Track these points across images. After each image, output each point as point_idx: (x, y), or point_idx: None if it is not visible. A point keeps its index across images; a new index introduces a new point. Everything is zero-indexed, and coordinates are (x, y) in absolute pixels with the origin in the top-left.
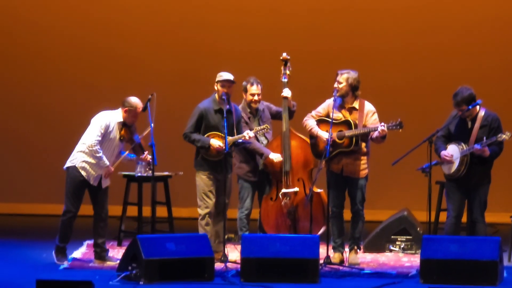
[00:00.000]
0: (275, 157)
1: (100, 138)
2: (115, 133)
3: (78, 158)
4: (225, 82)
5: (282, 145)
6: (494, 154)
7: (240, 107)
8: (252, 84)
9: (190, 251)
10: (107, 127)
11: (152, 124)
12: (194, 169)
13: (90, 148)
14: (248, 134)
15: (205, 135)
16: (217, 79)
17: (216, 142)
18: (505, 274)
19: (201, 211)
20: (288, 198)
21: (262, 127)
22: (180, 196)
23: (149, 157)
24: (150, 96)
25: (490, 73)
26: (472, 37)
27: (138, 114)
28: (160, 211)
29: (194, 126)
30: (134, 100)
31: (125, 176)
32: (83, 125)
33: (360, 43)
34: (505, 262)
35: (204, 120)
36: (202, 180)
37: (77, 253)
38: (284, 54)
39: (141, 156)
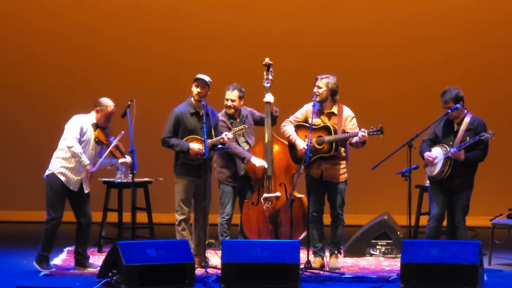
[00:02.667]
0: (257, 162)
1: (78, 137)
2: (90, 135)
3: (56, 165)
4: (199, 81)
5: (265, 150)
6: (473, 158)
7: (221, 112)
8: (228, 89)
9: (170, 257)
10: (81, 129)
11: (132, 130)
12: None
13: (70, 147)
14: (226, 135)
15: (184, 139)
16: (194, 80)
17: (195, 146)
18: (485, 278)
19: (178, 217)
20: (270, 203)
21: (240, 127)
22: (161, 202)
23: (130, 160)
24: (129, 103)
25: (472, 79)
26: (454, 43)
27: (110, 114)
28: (141, 217)
29: (171, 131)
30: (105, 100)
31: (105, 182)
32: (61, 134)
33: (340, 49)
34: (485, 266)
35: (180, 124)
36: (181, 186)
37: (58, 260)
38: (267, 59)
39: (121, 160)
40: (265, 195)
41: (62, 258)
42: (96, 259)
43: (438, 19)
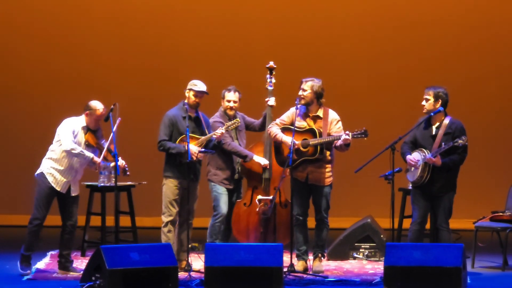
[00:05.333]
0: (261, 160)
1: (73, 139)
2: (80, 138)
3: (45, 165)
4: (199, 93)
5: (264, 152)
6: (451, 163)
7: (217, 114)
8: (229, 91)
9: (154, 261)
10: (73, 132)
11: (115, 134)
12: (159, 178)
13: (69, 150)
14: (220, 130)
15: (177, 141)
16: (190, 87)
17: (192, 146)
18: (468, 280)
19: (165, 219)
20: (265, 205)
21: (232, 122)
22: (144, 205)
23: (124, 164)
24: (112, 106)
25: (455, 82)
26: (438, 47)
27: (100, 117)
28: (124, 220)
29: (167, 134)
30: (94, 103)
31: (88, 186)
32: (48, 136)
33: (323, 52)
34: (469, 268)
35: (174, 127)
36: (169, 188)
37: (41, 264)
38: (271, 63)
39: (113, 164)
40: (260, 197)
41: (45, 262)
42: (80, 263)
43: (423, 23)
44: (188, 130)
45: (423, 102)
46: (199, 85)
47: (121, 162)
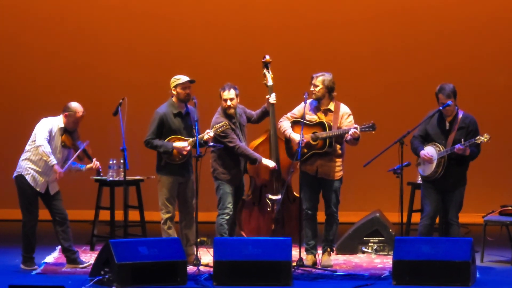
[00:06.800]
0: (270, 163)
1: (47, 137)
2: (57, 139)
3: (23, 166)
4: (186, 84)
5: (270, 150)
6: (473, 154)
7: (217, 115)
8: (224, 90)
9: (162, 255)
10: (50, 132)
11: (124, 128)
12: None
13: (39, 146)
14: (208, 133)
15: (166, 140)
16: (175, 83)
17: (180, 144)
18: (477, 275)
19: (163, 216)
20: (277, 204)
21: (220, 124)
22: (153, 200)
23: (97, 165)
24: (121, 101)
25: (464, 76)
26: (447, 40)
27: (79, 119)
28: (133, 215)
29: (155, 133)
30: (74, 105)
31: (97, 180)
32: None
33: (333, 46)
34: (478, 263)
35: (165, 125)
36: (165, 185)
37: (50, 258)
38: (267, 57)
39: (88, 165)
40: (270, 196)
41: (54, 257)
42: (89, 257)
43: (431, 16)
44: (197, 123)
45: (449, 102)
46: (182, 78)
47: (95, 164)
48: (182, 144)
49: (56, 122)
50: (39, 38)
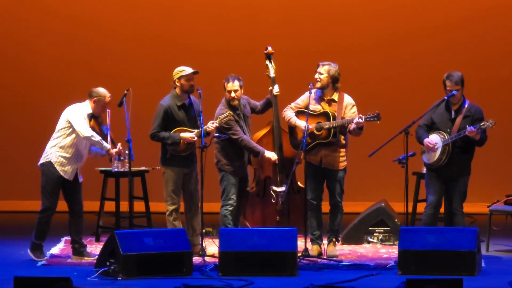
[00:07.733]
0: (272, 156)
1: (89, 126)
2: None
3: (53, 153)
4: (191, 75)
5: (273, 141)
6: (482, 140)
7: (221, 106)
8: (228, 81)
9: (168, 246)
10: (85, 119)
11: (129, 119)
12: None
13: (89, 137)
14: (212, 123)
15: (172, 131)
16: (179, 75)
17: (187, 135)
18: (483, 264)
19: (169, 207)
20: (282, 196)
21: (225, 115)
22: (158, 191)
23: (121, 149)
24: (126, 92)
25: (469, 66)
26: (451, 30)
27: (107, 104)
28: (138, 206)
29: (160, 125)
30: (102, 90)
31: (102, 171)
32: (58, 121)
33: (338, 36)
34: (483, 252)
35: (169, 117)
36: (170, 177)
37: (55, 249)
38: (269, 48)
39: (113, 150)
40: (274, 188)
41: (59, 248)
42: (94, 249)
43: (435, 7)
44: (202, 115)
45: (454, 92)
46: (186, 69)
47: (118, 148)
48: (190, 135)
49: (85, 109)
50: (44, 32)
